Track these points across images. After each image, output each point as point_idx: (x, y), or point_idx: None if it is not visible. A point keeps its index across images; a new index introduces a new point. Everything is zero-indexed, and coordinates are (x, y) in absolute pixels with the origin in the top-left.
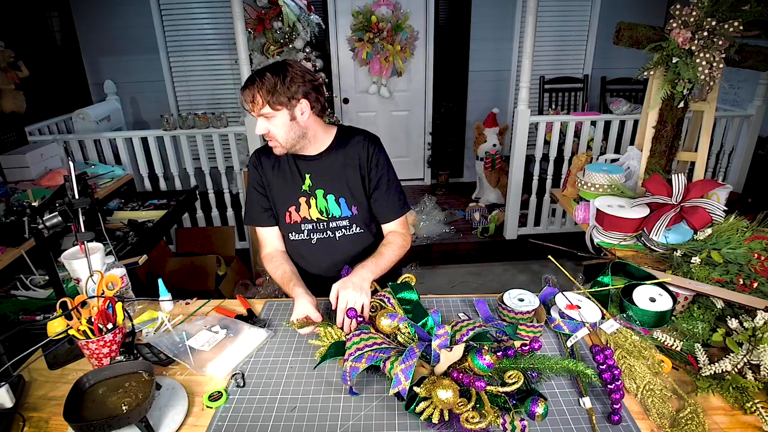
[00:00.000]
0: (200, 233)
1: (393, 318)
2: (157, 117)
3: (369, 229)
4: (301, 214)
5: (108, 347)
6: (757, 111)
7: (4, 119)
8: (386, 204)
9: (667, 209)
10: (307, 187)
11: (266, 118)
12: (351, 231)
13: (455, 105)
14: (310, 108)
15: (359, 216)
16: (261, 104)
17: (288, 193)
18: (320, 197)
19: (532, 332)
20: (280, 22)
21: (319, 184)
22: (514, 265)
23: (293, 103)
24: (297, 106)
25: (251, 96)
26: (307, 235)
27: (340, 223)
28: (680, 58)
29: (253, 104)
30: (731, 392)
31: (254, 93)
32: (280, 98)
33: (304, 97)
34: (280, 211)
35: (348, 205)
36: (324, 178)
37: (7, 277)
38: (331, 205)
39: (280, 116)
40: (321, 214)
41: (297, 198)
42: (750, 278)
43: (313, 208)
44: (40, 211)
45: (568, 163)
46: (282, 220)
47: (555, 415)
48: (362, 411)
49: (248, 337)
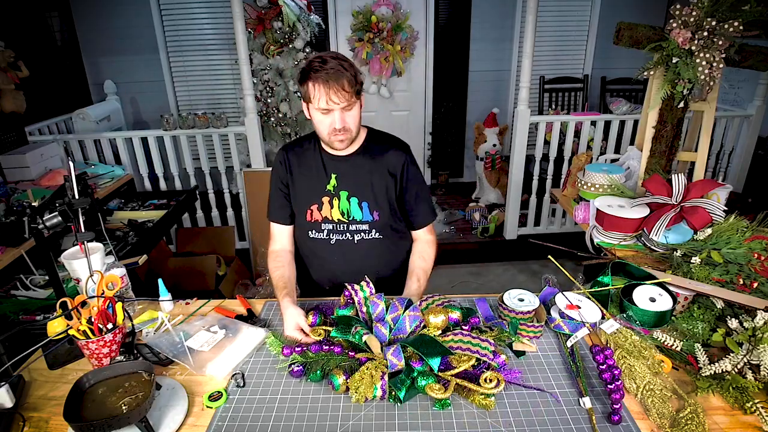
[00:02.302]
0: (200, 233)
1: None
2: (157, 117)
3: (387, 236)
4: (323, 214)
5: (108, 347)
6: (757, 111)
7: (4, 119)
8: (419, 212)
9: (667, 209)
10: (332, 187)
11: (345, 110)
12: (370, 236)
13: (455, 105)
14: None
15: (380, 222)
16: (350, 94)
17: (312, 191)
18: (344, 199)
19: (532, 332)
20: (280, 22)
21: (344, 186)
22: (514, 265)
23: (361, 93)
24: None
25: (340, 86)
26: (327, 235)
27: (360, 227)
28: (680, 58)
29: (341, 93)
30: (731, 392)
31: (344, 83)
32: (359, 87)
33: None
34: (301, 208)
35: (370, 210)
36: (350, 180)
37: (7, 277)
38: (353, 208)
39: (356, 106)
40: (342, 216)
41: (320, 197)
42: (750, 278)
43: (335, 209)
44: (40, 211)
45: (568, 163)
46: (303, 217)
47: (555, 415)
48: (362, 411)
49: (247, 336)
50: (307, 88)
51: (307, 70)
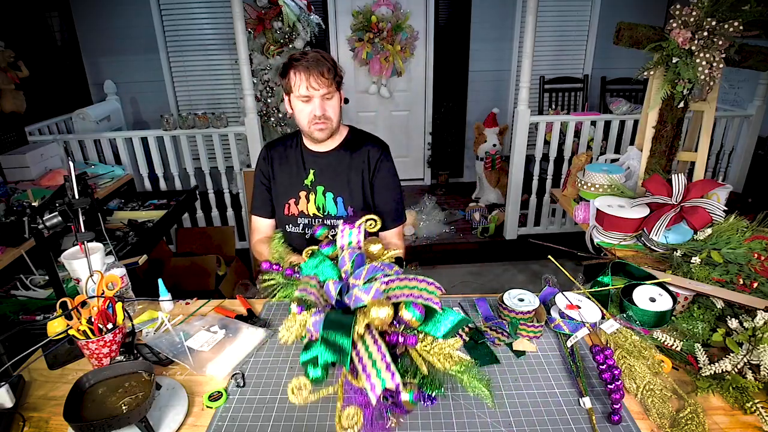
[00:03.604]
0: (200, 233)
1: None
2: (157, 117)
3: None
4: (300, 208)
5: (108, 347)
6: (757, 111)
7: (4, 119)
8: (384, 211)
9: (667, 209)
10: (309, 182)
11: (326, 99)
12: None
13: (455, 105)
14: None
15: (354, 218)
16: (329, 81)
17: (290, 185)
18: (319, 194)
19: (532, 332)
20: (280, 22)
21: (321, 181)
22: (514, 265)
23: (341, 85)
24: (342, 89)
25: (320, 73)
26: (302, 229)
27: (335, 222)
28: (680, 58)
29: (321, 80)
30: (731, 392)
31: (324, 71)
32: (338, 79)
33: None
34: (280, 202)
35: (345, 205)
36: (327, 175)
37: (7, 277)
38: (328, 203)
39: (336, 96)
40: (318, 211)
41: (298, 191)
42: (750, 278)
43: (312, 204)
44: (40, 211)
45: (568, 163)
46: (281, 211)
47: (555, 415)
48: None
49: (247, 336)
50: (288, 78)
51: (288, 63)
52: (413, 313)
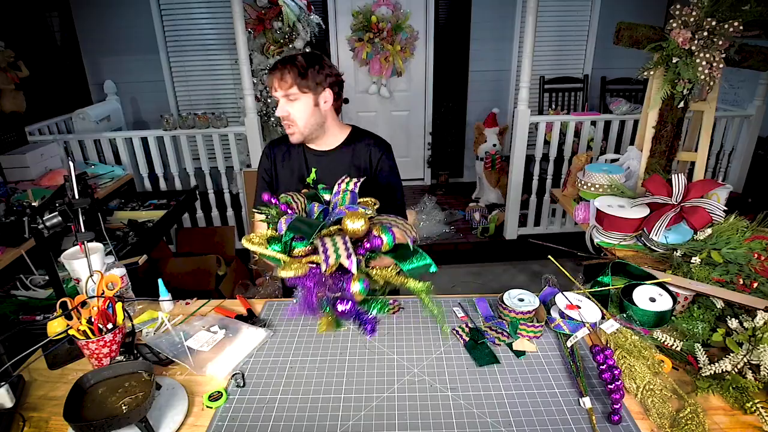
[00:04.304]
0: (200, 233)
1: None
2: (157, 117)
3: None
4: None
5: (108, 347)
6: (757, 111)
7: (4, 119)
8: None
9: (667, 209)
10: (311, 180)
11: (289, 101)
12: None
13: (455, 105)
14: (333, 99)
15: None
16: (289, 84)
17: (292, 183)
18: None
19: (532, 332)
20: (280, 22)
21: (322, 180)
22: (514, 265)
23: (319, 90)
24: (322, 94)
25: (281, 74)
26: None
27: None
28: (680, 58)
29: (281, 82)
30: (731, 392)
31: (285, 73)
32: (308, 83)
33: (330, 87)
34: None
35: None
36: (328, 174)
37: (7, 277)
38: None
39: (304, 100)
40: None
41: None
42: (750, 278)
43: None
44: (40, 211)
45: (568, 163)
46: None
47: (555, 415)
48: (362, 411)
49: (247, 336)
50: None
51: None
52: (387, 235)
